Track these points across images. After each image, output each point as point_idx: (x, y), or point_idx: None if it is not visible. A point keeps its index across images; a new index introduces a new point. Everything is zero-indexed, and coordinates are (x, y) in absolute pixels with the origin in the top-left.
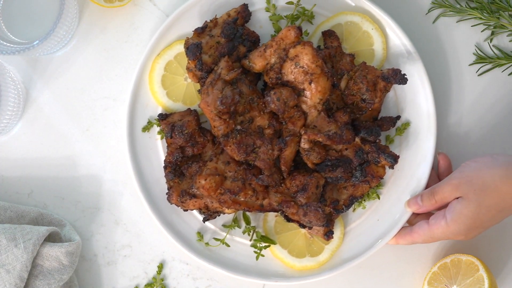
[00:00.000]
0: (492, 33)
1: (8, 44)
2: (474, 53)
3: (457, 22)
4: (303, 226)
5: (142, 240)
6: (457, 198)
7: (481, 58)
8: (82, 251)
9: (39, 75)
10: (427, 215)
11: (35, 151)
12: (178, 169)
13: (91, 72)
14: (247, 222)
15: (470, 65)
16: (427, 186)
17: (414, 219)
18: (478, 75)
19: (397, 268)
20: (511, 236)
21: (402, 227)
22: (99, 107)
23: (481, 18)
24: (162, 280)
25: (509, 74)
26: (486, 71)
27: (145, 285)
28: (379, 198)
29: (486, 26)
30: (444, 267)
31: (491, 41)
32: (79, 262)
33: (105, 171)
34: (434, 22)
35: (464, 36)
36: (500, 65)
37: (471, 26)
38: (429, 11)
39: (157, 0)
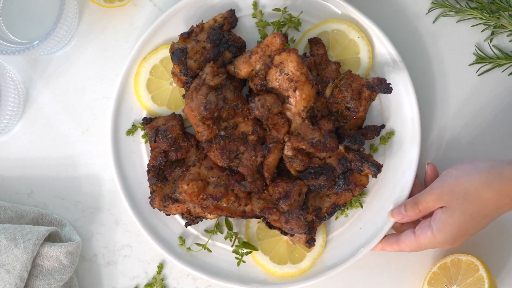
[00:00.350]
0: (492, 33)
1: (8, 44)
2: (474, 53)
3: (457, 22)
4: (285, 233)
5: (142, 240)
6: (441, 207)
7: (481, 58)
8: (82, 251)
9: (39, 75)
10: (414, 222)
11: (35, 151)
12: (161, 173)
13: (91, 72)
14: (229, 228)
15: (470, 65)
16: (411, 194)
17: (401, 226)
18: (478, 75)
19: (397, 268)
20: (511, 236)
21: (389, 234)
22: (99, 107)
23: (481, 18)
24: (162, 280)
25: (509, 74)
26: (486, 71)
27: (145, 285)
28: (361, 206)
29: (486, 26)
30: (444, 267)
31: (491, 41)
32: (79, 262)
33: (105, 171)
34: (434, 22)
35: (464, 36)
36: (500, 65)
37: (471, 26)
38: (429, 11)
39: (157, 0)
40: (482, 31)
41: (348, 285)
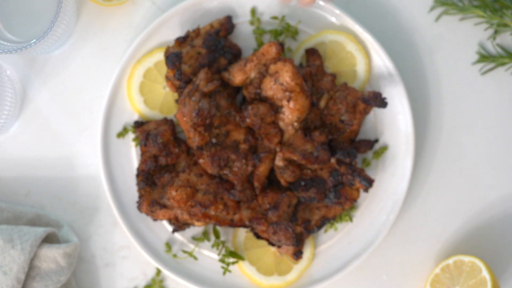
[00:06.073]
0: (495, 32)
1: (5, 43)
2: (477, 52)
3: (459, 20)
4: (273, 244)
5: None
6: None
7: (484, 57)
8: (80, 252)
9: (37, 74)
10: None
11: (33, 151)
12: (150, 178)
13: (89, 71)
14: (217, 236)
15: (473, 64)
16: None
17: None
18: (481, 74)
19: (399, 269)
20: None
21: None
22: (97, 106)
23: (483, 17)
24: (161, 281)
25: None
26: (489, 70)
27: (144, 287)
28: (351, 220)
29: (489, 25)
30: (447, 268)
31: (494, 40)
32: (77, 263)
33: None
34: (436, 20)
35: (467, 34)
36: (503, 64)
37: (474, 24)
38: (431, 10)
39: None
40: (485, 30)
41: (349, 286)
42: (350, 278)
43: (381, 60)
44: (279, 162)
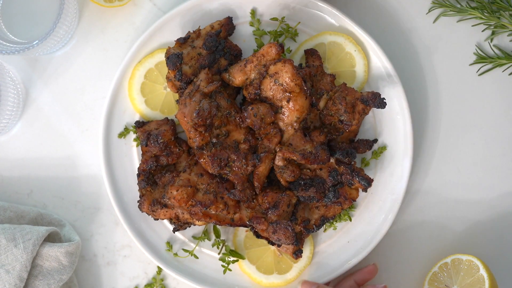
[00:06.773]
0: (493, 33)
1: (8, 44)
2: (474, 53)
3: (457, 22)
4: (272, 243)
5: None
6: None
7: (482, 58)
8: (81, 251)
9: (39, 75)
10: None
11: (35, 151)
12: (151, 177)
13: (90, 72)
14: (217, 235)
15: (470, 64)
16: None
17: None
18: (479, 75)
19: (398, 268)
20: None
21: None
22: (98, 107)
23: (481, 18)
24: (162, 280)
25: (510, 74)
26: (486, 71)
27: (145, 285)
28: (350, 220)
29: (487, 26)
30: (445, 267)
31: (491, 41)
32: (78, 262)
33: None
34: (434, 21)
35: (465, 36)
36: (500, 65)
37: (472, 26)
38: (429, 11)
39: (156, 0)
40: (482, 31)
41: None
42: None
43: (380, 61)
44: (278, 162)
